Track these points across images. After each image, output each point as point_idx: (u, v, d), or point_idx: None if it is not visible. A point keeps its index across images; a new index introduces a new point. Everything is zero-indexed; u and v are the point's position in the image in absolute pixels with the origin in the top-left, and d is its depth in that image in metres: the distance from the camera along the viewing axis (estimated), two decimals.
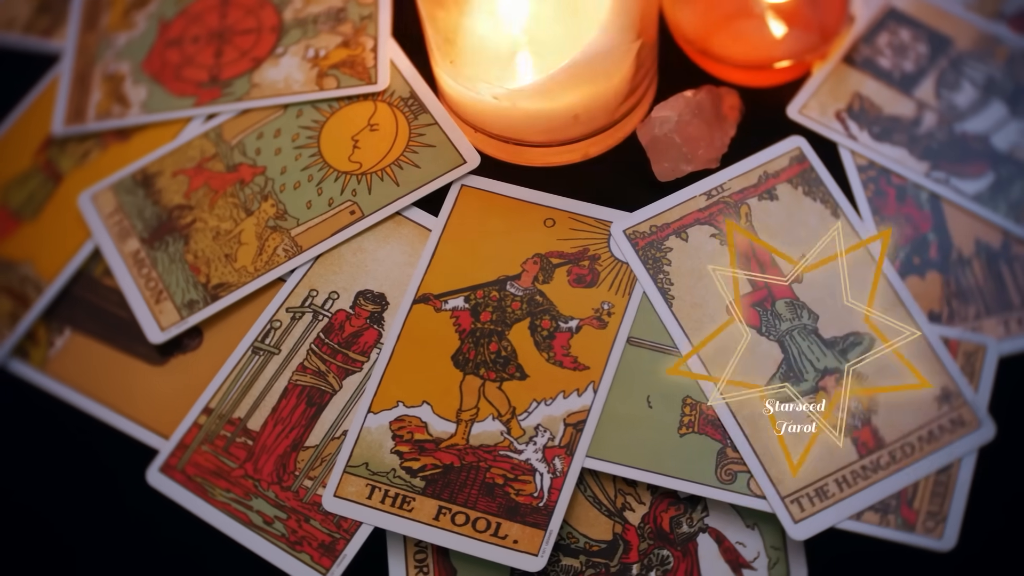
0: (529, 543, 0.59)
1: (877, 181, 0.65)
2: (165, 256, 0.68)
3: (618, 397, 0.62)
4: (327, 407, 0.63)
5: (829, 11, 0.68)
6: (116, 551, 0.63)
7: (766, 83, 0.70)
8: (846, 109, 0.67)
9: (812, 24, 0.68)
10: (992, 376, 0.61)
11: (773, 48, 0.69)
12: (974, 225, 0.64)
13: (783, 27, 0.68)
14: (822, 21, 0.68)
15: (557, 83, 0.65)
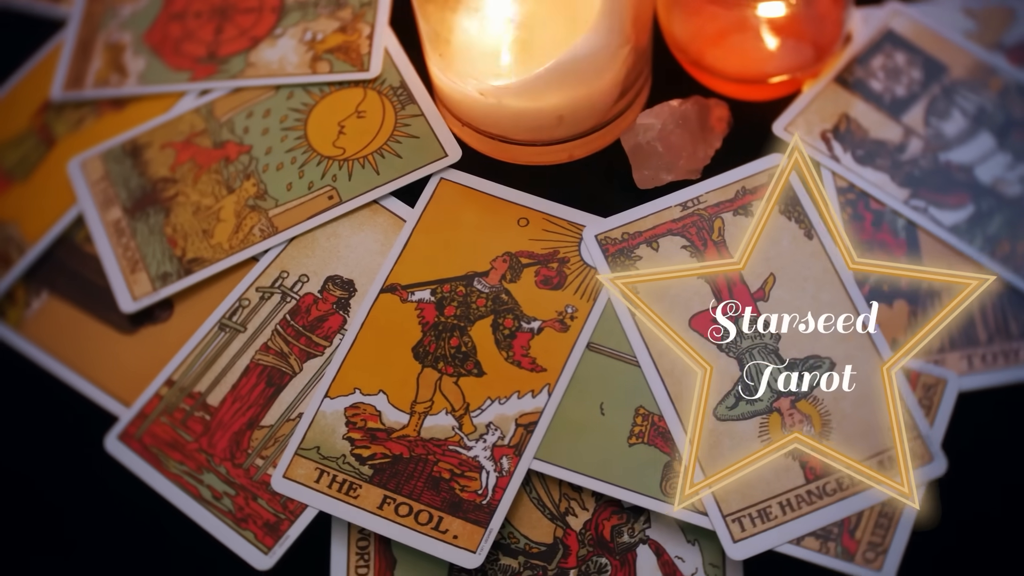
0: (469, 540, 0.59)
1: (855, 204, 0.65)
2: (145, 227, 0.69)
3: (572, 401, 0.62)
4: (286, 388, 0.64)
5: (825, 29, 0.68)
6: (71, 514, 0.65)
7: (756, 97, 0.69)
8: (832, 129, 0.66)
9: (807, 41, 0.67)
10: (950, 411, 0.60)
11: (765, 63, 0.68)
12: (948, 256, 0.63)
13: (777, 42, 0.68)
14: (817, 39, 0.68)
15: (542, 83, 0.65)
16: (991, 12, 0.70)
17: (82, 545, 0.64)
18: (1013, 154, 0.65)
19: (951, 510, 0.59)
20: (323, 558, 0.61)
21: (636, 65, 0.68)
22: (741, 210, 0.65)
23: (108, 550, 0.63)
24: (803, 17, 0.67)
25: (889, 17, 0.69)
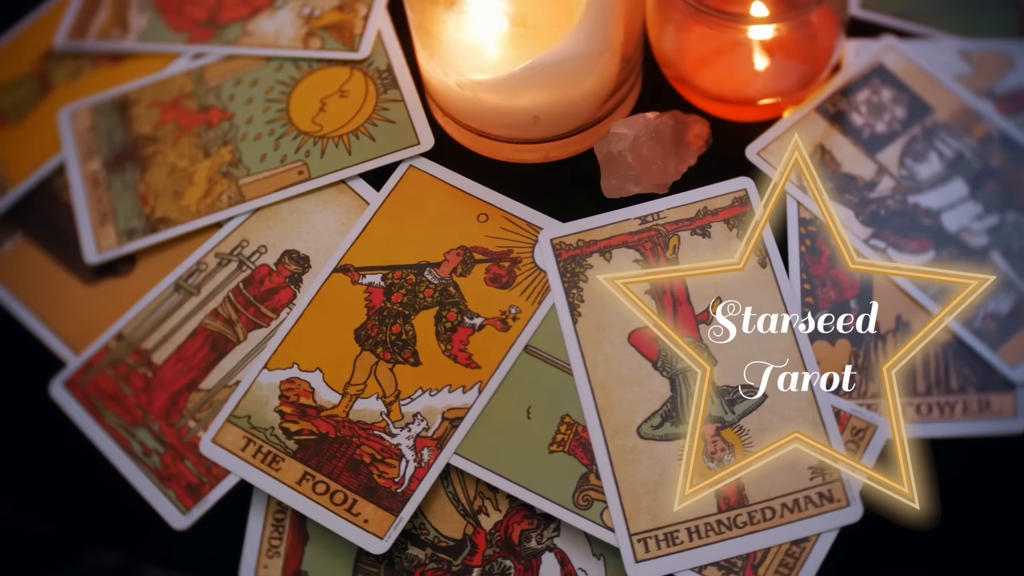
0: (378, 525, 0.60)
1: (815, 238, 0.64)
2: (120, 182, 0.70)
3: (500, 402, 0.62)
4: (228, 355, 0.65)
5: (813, 57, 0.67)
6: (5, 450, 0.66)
7: (737, 118, 0.68)
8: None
9: (793, 68, 0.67)
10: (875, 458, 0.59)
11: (747, 86, 0.67)
12: (900, 301, 0.62)
13: (763, 66, 0.67)
14: (804, 67, 0.67)
15: (519, 81, 0.65)
16: (988, 57, 0.68)
17: (8, 482, 0.65)
18: (984, 205, 0.64)
19: (857, 559, 0.58)
20: (239, 525, 0.62)
21: (620, 73, 0.68)
22: (699, 230, 0.64)
23: (35, 490, 0.65)
24: (791, 43, 0.66)
25: (882, 52, 0.68)
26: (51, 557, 0.64)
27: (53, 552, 0.64)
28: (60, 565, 0.64)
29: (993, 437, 0.59)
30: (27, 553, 0.65)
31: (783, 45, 0.66)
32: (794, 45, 0.66)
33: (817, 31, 0.66)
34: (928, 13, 0.70)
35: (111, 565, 0.64)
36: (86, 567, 0.64)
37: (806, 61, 0.67)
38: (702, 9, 0.63)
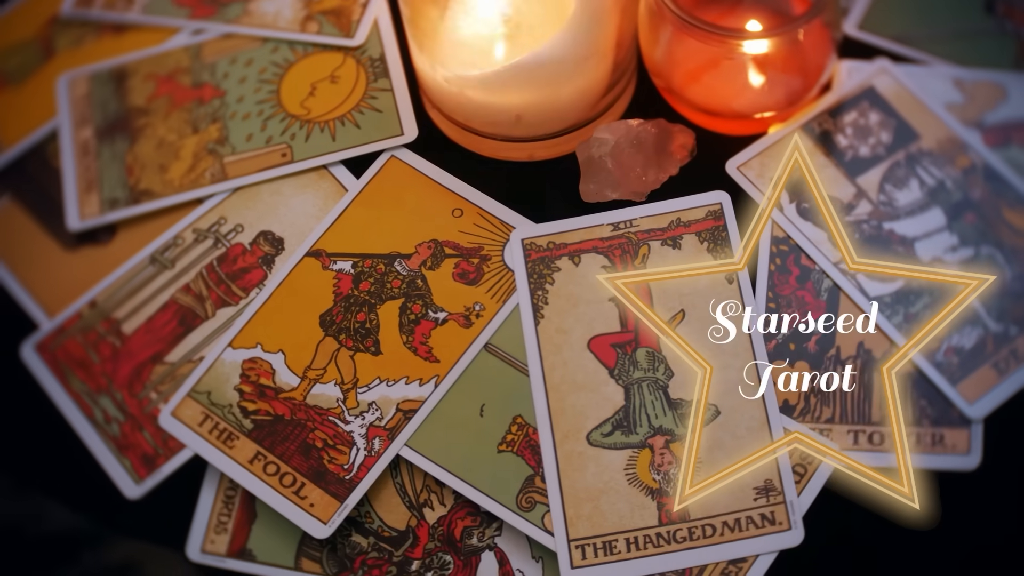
0: (323, 510, 0.60)
1: (785, 257, 0.63)
2: (109, 151, 0.71)
3: (455, 397, 0.62)
4: (195, 330, 0.66)
5: (804, 75, 0.66)
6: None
7: (722, 131, 0.68)
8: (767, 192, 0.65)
9: (782, 85, 0.66)
10: (821, 484, 0.58)
11: (734, 99, 0.67)
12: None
13: (754, 80, 0.66)
14: (794, 84, 0.66)
15: (501, 80, 0.65)
16: (981, 87, 0.67)
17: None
18: (959, 236, 0.63)
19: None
20: (191, 499, 0.63)
21: (609, 79, 0.67)
22: (670, 241, 0.64)
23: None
24: (782, 60, 0.65)
25: (874, 74, 0.67)
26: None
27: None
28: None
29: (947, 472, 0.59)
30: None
31: (773, 61, 0.65)
32: (784, 61, 0.65)
33: (808, 49, 0.65)
34: (926, 39, 0.69)
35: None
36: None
37: (795, 78, 0.66)
38: (693, 23, 0.62)
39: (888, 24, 0.70)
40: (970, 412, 0.59)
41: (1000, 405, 0.59)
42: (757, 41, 0.63)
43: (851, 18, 0.70)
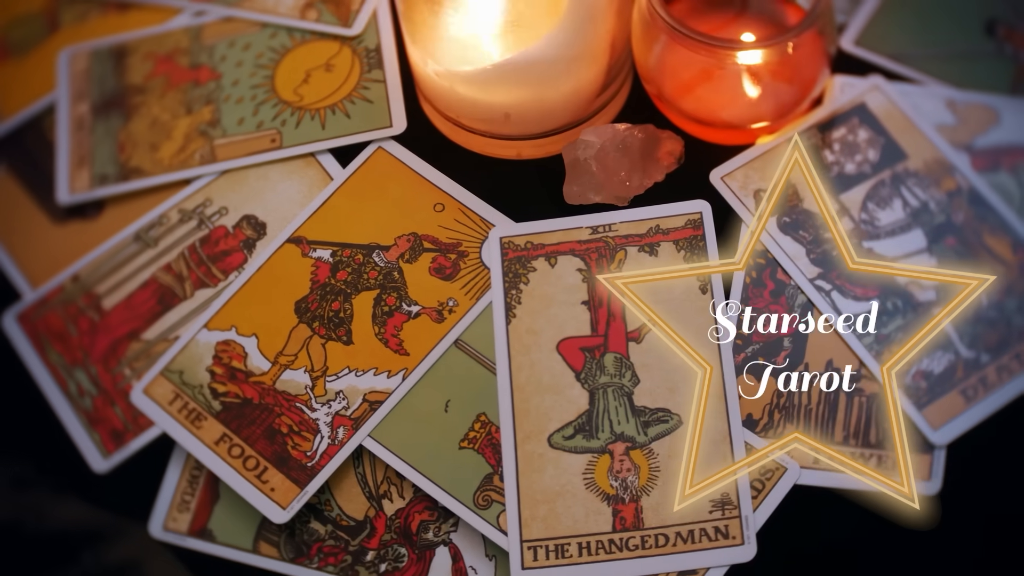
0: (283, 495, 0.61)
1: (762, 271, 0.63)
2: (103, 127, 0.72)
3: (421, 392, 0.62)
4: (173, 310, 0.66)
5: (795, 89, 0.65)
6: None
7: (711, 140, 0.68)
8: (768, 190, 0.65)
9: (772, 97, 0.65)
10: (779, 501, 0.58)
11: (723, 109, 0.66)
12: (835, 346, 0.61)
13: (745, 91, 0.66)
14: (785, 97, 0.66)
15: (490, 77, 0.65)
16: (974, 110, 0.66)
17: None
18: (939, 259, 0.62)
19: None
20: (156, 477, 0.64)
21: (601, 82, 0.67)
22: (647, 247, 0.64)
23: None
24: (773, 72, 0.65)
25: (867, 91, 0.67)
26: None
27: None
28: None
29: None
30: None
31: (764, 73, 0.65)
32: (775, 74, 0.65)
33: (800, 62, 0.65)
34: (922, 58, 0.69)
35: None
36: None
37: (786, 91, 0.66)
38: (684, 32, 0.62)
39: (885, 41, 0.69)
40: (934, 438, 0.59)
41: (965, 433, 0.59)
42: (748, 52, 0.63)
43: (848, 33, 0.70)
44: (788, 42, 0.62)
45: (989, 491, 0.59)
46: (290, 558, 0.61)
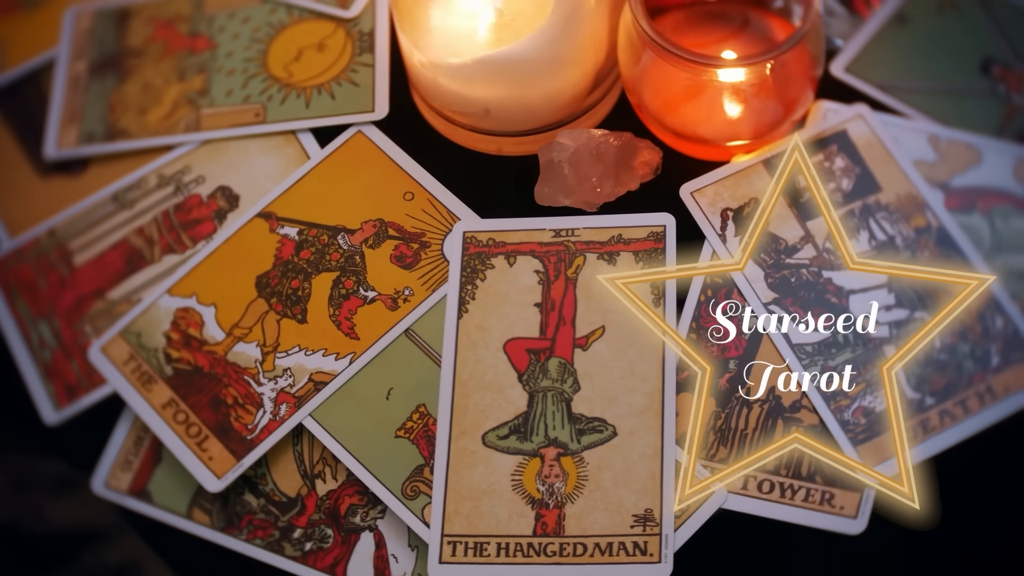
0: (220, 465, 0.62)
1: (718, 290, 0.62)
2: (98, 87, 0.73)
3: (366, 377, 0.63)
4: (139, 272, 0.68)
5: (776, 110, 0.65)
6: None
7: (689, 153, 0.67)
8: (736, 209, 0.64)
9: (752, 117, 0.65)
10: (702, 522, 0.58)
11: (700, 125, 0.66)
12: (776, 373, 0.60)
13: (725, 109, 0.65)
14: (766, 117, 0.65)
15: (471, 72, 0.65)
16: (956, 148, 0.65)
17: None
18: (896, 297, 0.61)
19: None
20: (103, 434, 0.65)
21: (584, 84, 0.67)
22: (606, 256, 0.64)
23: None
24: (756, 91, 0.64)
25: (850, 119, 0.66)
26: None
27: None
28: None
29: (830, 532, 0.58)
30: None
31: (746, 92, 0.64)
32: (757, 93, 0.64)
33: (782, 83, 0.64)
34: (912, 91, 0.67)
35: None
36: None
37: (766, 111, 0.65)
38: (665, 47, 0.61)
39: (876, 70, 0.68)
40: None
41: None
42: (727, 70, 0.62)
43: (840, 59, 0.69)
44: (767, 62, 0.61)
45: (914, 540, 0.58)
46: (220, 527, 0.62)
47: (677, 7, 0.71)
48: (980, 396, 0.59)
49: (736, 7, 0.70)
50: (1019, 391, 0.59)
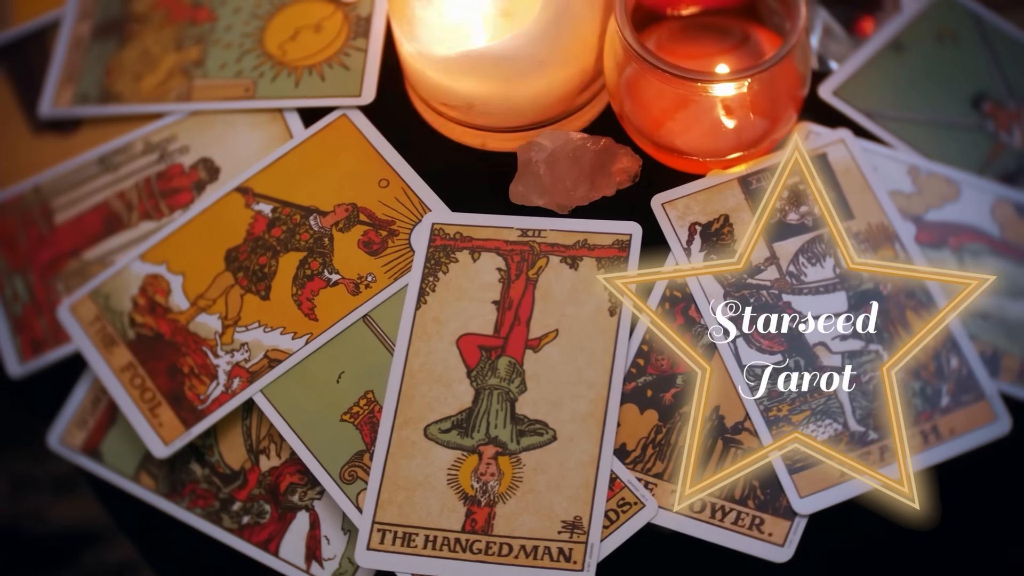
0: (169, 432, 0.63)
1: (675, 304, 0.62)
2: (98, 49, 0.74)
3: (319, 359, 0.63)
4: (115, 236, 0.69)
5: (757, 127, 0.64)
6: None
7: (667, 163, 0.67)
8: (704, 224, 0.64)
9: (732, 134, 0.64)
10: (629, 535, 0.58)
11: (678, 136, 0.65)
12: (726, 394, 0.60)
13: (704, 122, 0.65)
14: (745, 134, 0.64)
15: (454, 65, 0.66)
16: (935, 182, 0.64)
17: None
18: (855, 328, 0.60)
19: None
20: (63, 391, 0.66)
21: (571, 86, 0.67)
22: (569, 260, 0.64)
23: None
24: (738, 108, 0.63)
25: (831, 143, 0.65)
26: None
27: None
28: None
29: (756, 559, 0.57)
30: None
31: (727, 108, 0.64)
32: (737, 110, 0.64)
33: (765, 102, 0.63)
34: (898, 120, 0.66)
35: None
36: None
37: (747, 129, 0.64)
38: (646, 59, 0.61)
39: (865, 96, 0.67)
40: (797, 506, 0.57)
41: (830, 507, 0.57)
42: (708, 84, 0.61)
43: (829, 82, 0.68)
44: (747, 79, 0.61)
45: (841, 572, 0.58)
46: (164, 493, 0.63)
47: (676, 16, 0.71)
48: (924, 435, 0.59)
49: (738, 22, 0.70)
50: (964, 434, 0.59)
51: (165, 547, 0.64)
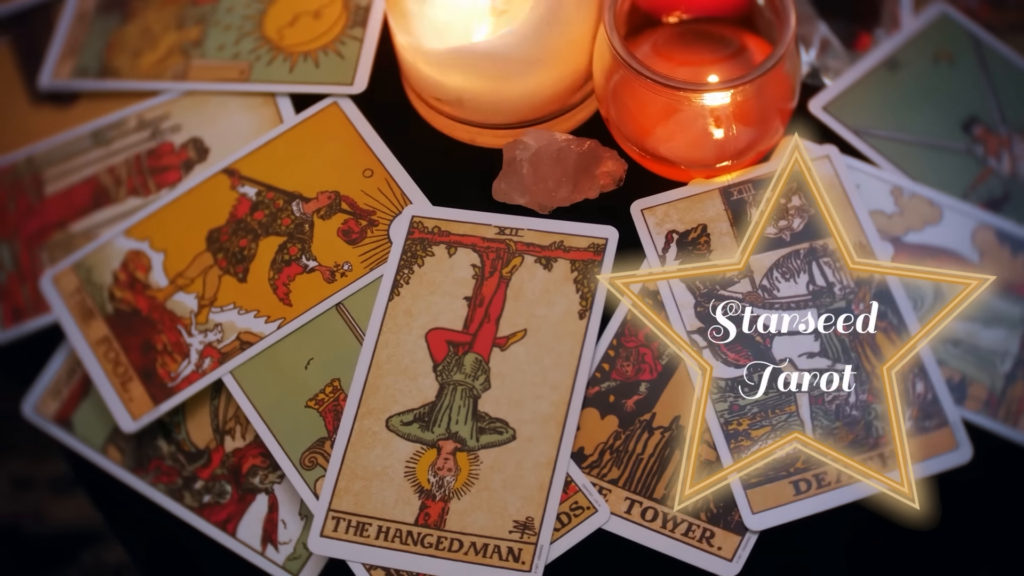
0: (138, 407, 0.64)
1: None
2: (100, 25, 0.75)
3: (290, 345, 0.64)
4: (102, 210, 0.69)
5: (741, 138, 0.64)
6: None
7: (651, 169, 0.67)
8: (682, 233, 0.63)
9: (715, 144, 0.64)
10: (579, 539, 0.58)
11: (663, 143, 0.65)
12: (685, 404, 0.60)
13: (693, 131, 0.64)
14: (729, 145, 0.64)
15: (444, 60, 0.66)
16: (917, 203, 0.63)
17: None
18: (821, 346, 0.60)
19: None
20: (41, 360, 0.67)
21: (562, 87, 0.67)
22: (543, 260, 0.64)
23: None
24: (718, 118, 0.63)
25: (816, 159, 0.64)
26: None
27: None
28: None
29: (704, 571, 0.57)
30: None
31: (715, 118, 0.63)
32: (723, 121, 0.63)
33: (755, 113, 0.63)
34: (886, 139, 0.66)
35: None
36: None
37: (732, 140, 0.64)
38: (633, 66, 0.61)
39: (855, 113, 0.66)
40: (749, 522, 0.57)
41: (782, 525, 0.57)
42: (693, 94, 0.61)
43: (820, 97, 0.67)
44: (731, 89, 0.60)
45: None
46: (130, 467, 0.64)
47: (673, 22, 0.70)
48: (883, 459, 0.58)
49: (736, 32, 0.69)
50: (923, 460, 0.58)
51: (130, 521, 0.65)
